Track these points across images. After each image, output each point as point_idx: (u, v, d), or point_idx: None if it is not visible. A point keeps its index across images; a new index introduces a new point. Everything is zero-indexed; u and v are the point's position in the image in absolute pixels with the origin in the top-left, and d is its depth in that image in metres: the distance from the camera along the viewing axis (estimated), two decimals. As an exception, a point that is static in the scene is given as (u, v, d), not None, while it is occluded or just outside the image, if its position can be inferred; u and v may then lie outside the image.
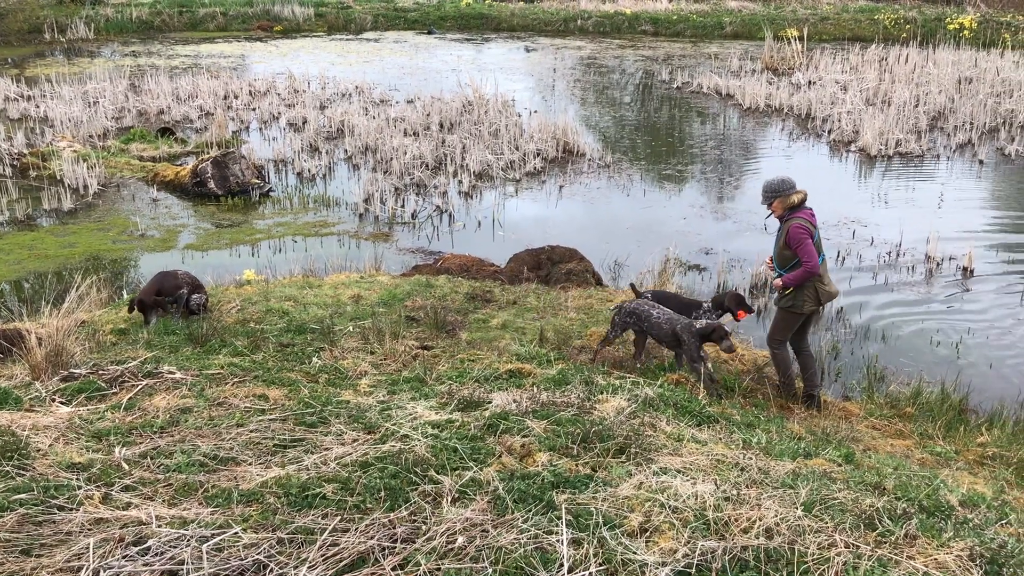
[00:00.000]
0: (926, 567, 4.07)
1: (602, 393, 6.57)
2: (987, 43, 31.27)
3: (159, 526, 4.10)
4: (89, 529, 4.12)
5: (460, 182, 16.04)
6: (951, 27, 34.13)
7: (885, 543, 4.30)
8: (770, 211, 7.94)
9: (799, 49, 28.43)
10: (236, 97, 23.22)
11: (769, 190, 7.85)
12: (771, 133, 20.86)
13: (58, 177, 15.66)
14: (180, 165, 16.76)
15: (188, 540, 3.96)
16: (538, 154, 17.69)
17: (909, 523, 4.51)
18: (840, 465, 5.67)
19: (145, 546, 3.91)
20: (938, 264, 12.27)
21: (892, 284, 11.63)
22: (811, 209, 7.79)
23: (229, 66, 28.32)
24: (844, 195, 15.60)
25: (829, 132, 20.18)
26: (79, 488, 4.54)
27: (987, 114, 21.13)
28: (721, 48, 33.31)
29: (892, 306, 10.97)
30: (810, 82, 25.22)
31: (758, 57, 29.52)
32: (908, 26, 34.59)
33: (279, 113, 21.73)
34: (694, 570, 3.95)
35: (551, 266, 11.57)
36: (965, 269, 12.07)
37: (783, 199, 7.75)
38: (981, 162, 18.11)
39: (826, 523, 4.42)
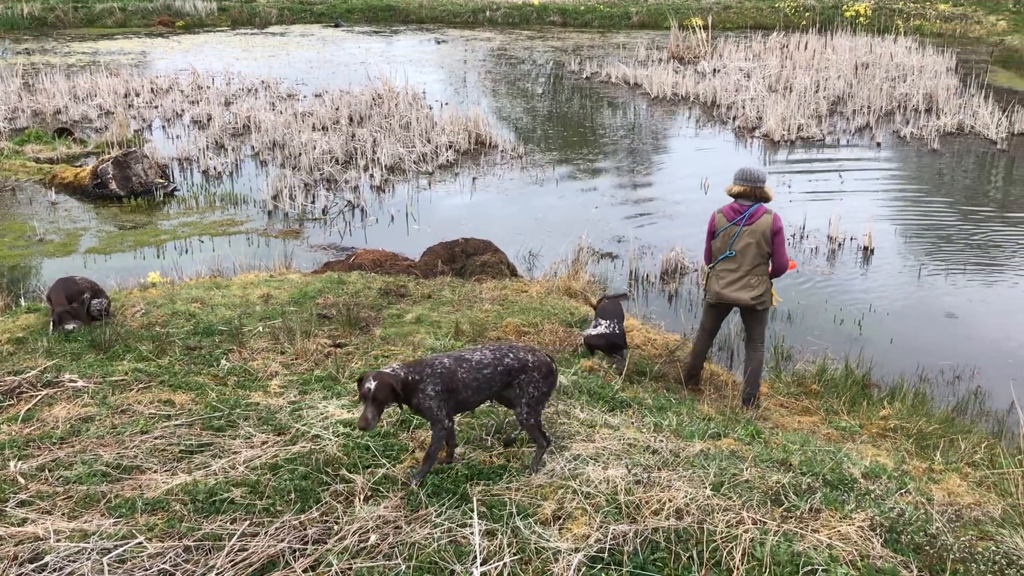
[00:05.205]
0: (829, 539, 4.20)
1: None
2: (881, 29, 32.38)
3: (57, 541, 3.95)
4: (-18, 548, 3.95)
5: (371, 176, 15.88)
6: (847, 14, 35.24)
7: (791, 518, 4.42)
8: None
9: (704, 38, 28.97)
10: (137, 95, 22.53)
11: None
12: (679, 121, 21.21)
13: (-53, 182, 14.97)
14: (80, 166, 16.17)
15: (88, 553, 3.83)
16: (450, 146, 17.63)
17: (813, 497, 4.64)
18: (748, 444, 5.80)
19: (42, 562, 3.77)
20: (840, 244, 12.66)
21: (797, 265, 11.94)
22: (732, 204, 7.57)
23: (129, 63, 27.44)
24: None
25: (734, 119, 20.62)
26: (-29, 506, 4.35)
27: (883, 98, 21.88)
28: (628, 38, 33.71)
29: (797, 287, 11.28)
30: (715, 70, 25.72)
31: (664, 46, 29.97)
32: (807, 13, 35.59)
33: (183, 110, 21.17)
34: (606, 554, 4.00)
35: (466, 259, 11.54)
36: (865, 249, 12.49)
37: (731, 185, 7.68)
38: (879, 144, 18.75)
39: (734, 501, 4.52)
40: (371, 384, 4.43)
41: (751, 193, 7.49)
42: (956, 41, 32.58)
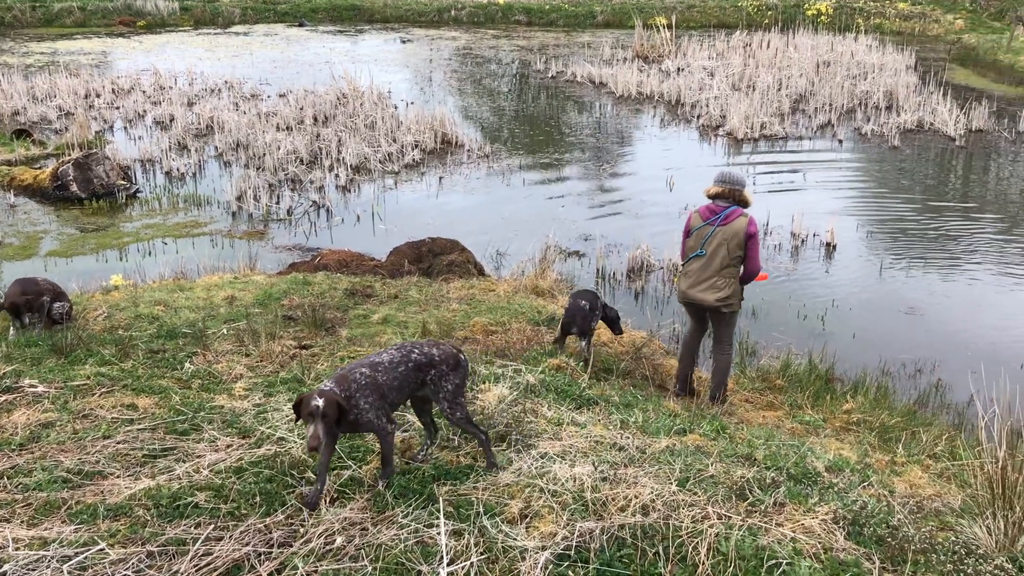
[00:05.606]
0: (793, 532, 4.25)
1: (484, 383, 6.58)
2: (842, 28, 32.77)
3: (16, 549, 3.89)
4: (-61, 558, 3.88)
5: (337, 176, 15.79)
6: (809, 13, 35.62)
7: (755, 512, 4.46)
8: None
9: (668, 37, 29.13)
10: (98, 96, 22.21)
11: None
12: (644, 120, 21.32)
13: (-98, 185, 14.67)
14: (39, 168, 15.91)
15: (48, 561, 3.78)
16: (416, 146, 17.58)
17: (778, 491, 4.69)
18: (714, 439, 5.85)
19: (0, 571, 3.70)
20: (803, 241, 12.80)
21: (761, 261, 12.01)
22: (709, 204, 7.58)
23: (90, 63, 27.04)
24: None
25: (698, 117, 20.76)
26: (-72, 515, 4.27)
27: (844, 96, 22.14)
28: (593, 37, 33.82)
29: (762, 283, 11.34)
30: (679, 69, 25.87)
31: (629, 45, 30.09)
32: (770, 12, 35.91)
33: (145, 111, 20.90)
34: (573, 552, 4.01)
35: (432, 258, 11.51)
36: (828, 244, 12.63)
37: (710, 186, 7.71)
38: (840, 142, 18.98)
39: (700, 496, 4.55)
40: (319, 402, 4.28)
41: (728, 195, 7.51)
42: (915, 39, 33.07)
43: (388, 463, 4.71)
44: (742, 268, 7.55)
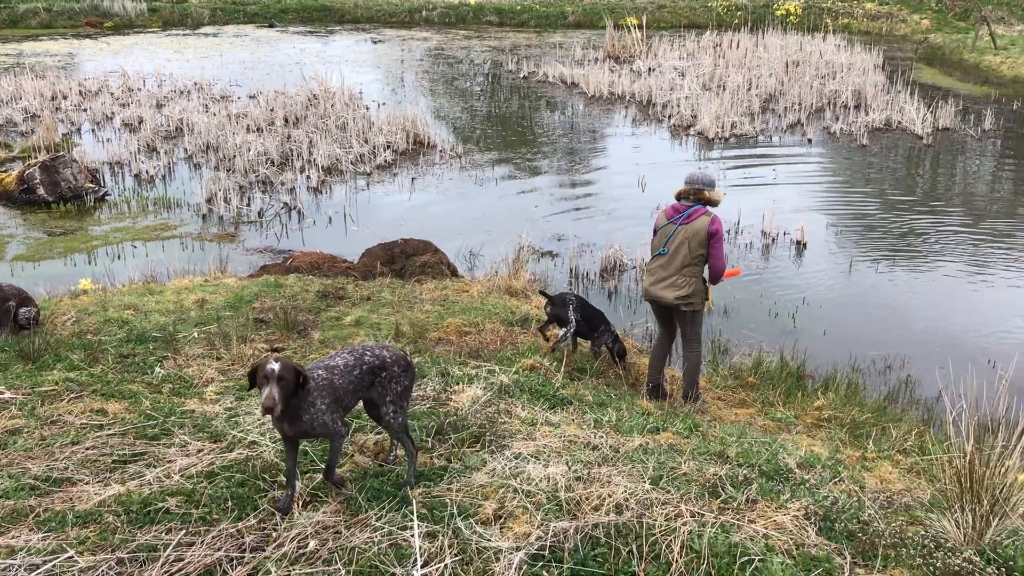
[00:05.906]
0: (765, 529, 4.27)
1: (458, 384, 6.58)
2: (811, 28, 33.06)
3: (-17, 558, 3.84)
4: (-97, 569, 3.81)
5: (308, 177, 15.71)
6: (778, 13, 35.92)
7: (728, 509, 4.48)
8: None
9: (639, 37, 29.24)
10: (65, 98, 21.93)
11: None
12: (615, 120, 21.39)
13: None
14: (5, 172, 15.69)
15: (15, 570, 3.72)
16: (388, 146, 17.53)
17: (750, 488, 4.72)
18: (686, 437, 5.88)
19: (-33, 581, 3.66)
20: (774, 239, 12.90)
21: (732, 260, 12.12)
22: (675, 204, 7.63)
23: (56, 65, 26.72)
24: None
25: (669, 117, 20.86)
26: None
27: (813, 95, 22.35)
28: (565, 37, 33.88)
29: (733, 281, 11.42)
30: (650, 69, 25.99)
31: (600, 46, 30.19)
32: (739, 12, 36.18)
33: (113, 113, 20.67)
34: (547, 552, 4.02)
35: (405, 259, 11.48)
36: (798, 243, 12.74)
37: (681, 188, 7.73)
38: (810, 140, 19.16)
39: (673, 495, 4.58)
40: (274, 365, 4.09)
41: (690, 193, 7.55)
42: (883, 39, 33.44)
43: (333, 468, 4.60)
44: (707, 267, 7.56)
